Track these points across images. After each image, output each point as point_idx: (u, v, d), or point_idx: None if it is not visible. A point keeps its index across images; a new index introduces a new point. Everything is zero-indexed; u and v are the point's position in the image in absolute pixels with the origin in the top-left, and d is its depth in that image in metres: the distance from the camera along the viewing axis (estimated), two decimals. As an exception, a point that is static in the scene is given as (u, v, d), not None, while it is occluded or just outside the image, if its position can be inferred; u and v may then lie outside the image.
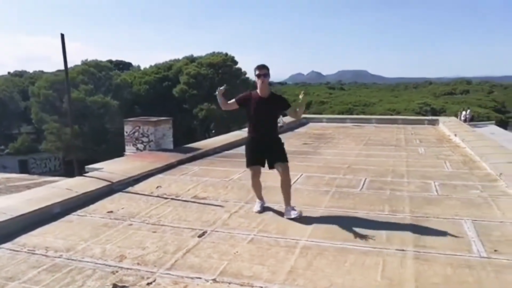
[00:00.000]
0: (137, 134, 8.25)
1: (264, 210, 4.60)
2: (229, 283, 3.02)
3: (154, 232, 4.02)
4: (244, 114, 4.56)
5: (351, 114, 36.33)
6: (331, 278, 3.06)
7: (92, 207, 4.81)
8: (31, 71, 47.37)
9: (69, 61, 5.81)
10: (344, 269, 3.19)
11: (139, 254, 3.51)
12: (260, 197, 4.71)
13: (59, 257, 3.45)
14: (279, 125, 4.72)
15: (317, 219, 4.36)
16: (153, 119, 8.51)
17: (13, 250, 3.61)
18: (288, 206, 4.44)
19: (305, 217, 4.41)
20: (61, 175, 16.38)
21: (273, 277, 3.09)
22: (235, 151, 8.89)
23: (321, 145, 9.78)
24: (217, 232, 4.01)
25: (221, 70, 34.16)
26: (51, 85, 26.67)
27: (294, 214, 4.34)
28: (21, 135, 33.16)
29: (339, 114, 34.78)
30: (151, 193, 5.39)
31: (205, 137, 21.56)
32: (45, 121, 26.34)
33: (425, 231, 3.91)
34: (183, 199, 5.15)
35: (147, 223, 4.26)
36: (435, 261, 3.27)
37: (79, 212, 4.62)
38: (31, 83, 33.34)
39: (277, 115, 4.65)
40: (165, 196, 5.27)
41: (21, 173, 19.57)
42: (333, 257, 3.41)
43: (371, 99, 55.22)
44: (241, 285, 2.99)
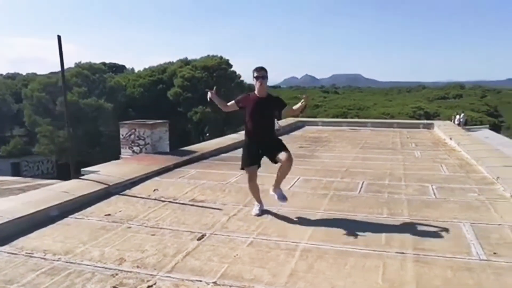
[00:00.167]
0: (133, 137, 8.21)
1: (262, 213, 4.59)
2: (230, 286, 3.00)
3: (153, 235, 4.00)
4: (238, 117, 4.60)
5: (346, 117, 36.47)
6: (332, 280, 3.05)
7: (89, 210, 4.76)
8: (24, 73, 47.07)
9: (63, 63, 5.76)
10: (344, 272, 3.19)
11: (138, 257, 3.48)
12: (258, 200, 4.69)
13: (57, 260, 3.41)
14: (275, 127, 4.74)
15: (316, 222, 4.36)
16: (150, 122, 8.48)
17: (11, 253, 3.57)
18: (277, 188, 4.60)
19: (305, 220, 4.42)
20: (54, 178, 16.27)
21: (274, 280, 3.08)
22: (231, 154, 8.88)
23: (318, 149, 9.80)
24: (216, 235, 3.99)
25: (215, 73, 34.18)
26: (44, 87, 26.51)
27: (279, 196, 4.55)
28: (14, 138, 32.88)
29: (333, 117, 34.89)
30: (149, 196, 5.36)
31: (199, 140, 21.51)
32: (38, 123, 26.16)
33: (424, 234, 3.92)
34: (181, 202, 5.12)
35: (146, 226, 4.23)
36: (435, 264, 3.28)
37: (76, 215, 4.57)
38: (24, 85, 33.11)
39: (275, 116, 4.67)
40: (162, 199, 5.24)
41: (13, 176, 19.40)
42: (334, 260, 3.41)
43: (365, 103, 55.52)
44: (242, 288, 2.98)
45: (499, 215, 4.45)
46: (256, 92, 4.43)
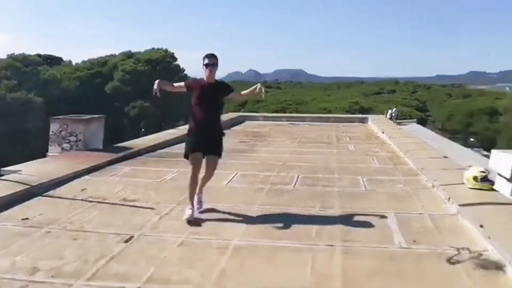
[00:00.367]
0: (64, 133, 7.69)
1: (194, 220, 4.19)
2: (156, 290, 2.87)
3: (74, 239, 3.72)
4: (176, 112, 4.50)
5: (285, 112, 36.98)
6: (263, 278, 3.02)
7: (5, 214, 4.35)
8: None
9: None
10: (275, 268, 3.18)
11: (55, 265, 3.19)
12: (192, 202, 4.34)
13: (-42, 273, 3.07)
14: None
15: (251, 217, 4.33)
16: (85, 117, 7.99)
17: None
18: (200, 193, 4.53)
19: (239, 216, 4.37)
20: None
21: (203, 280, 2.98)
22: (169, 150, 8.66)
23: (257, 143, 9.83)
24: (146, 236, 3.82)
25: (159, 66, 33.29)
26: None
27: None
28: None
29: (273, 112, 35.28)
30: (75, 197, 5.03)
31: (135, 136, 20.74)
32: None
33: (353, 225, 4.03)
34: (111, 202, 4.86)
35: (68, 230, 3.94)
36: (361, 254, 3.37)
37: (-11, 219, 4.18)
38: None
39: (222, 103, 4.63)
40: (90, 199, 4.94)
41: None
42: (265, 256, 3.39)
43: (304, 98, 56.68)
44: (169, 291, 2.86)
45: (421, 204, 4.68)
46: (204, 78, 4.40)
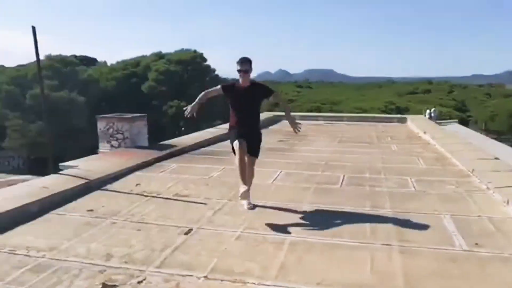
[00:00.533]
0: (111, 131, 8.04)
1: (248, 196, 4.38)
2: (222, 280, 2.99)
3: (139, 230, 3.94)
4: (214, 111, 4.66)
5: (320, 112, 36.78)
6: (322, 273, 3.08)
7: (71, 205, 4.64)
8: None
9: (31, 55, 5.62)
10: (333, 264, 3.23)
11: (126, 252, 3.42)
12: (244, 181, 4.37)
13: (42, 257, 3.32)
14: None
15: (301, 215, 4.39)
16: (128, 115, 8.32)
17: (-7, 250, 3.46)
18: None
19: (290, 213, 4.44)
20: (25, 174, 15.73)
21: (265, 273, 3.09)
22: (212, 148, 8.85)
23: (296, 142, 9.86)
24: (203, 229, 3.97)
25: (190, 67, 33.88)
26: (13, 80, 25.60)
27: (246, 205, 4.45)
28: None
29: (307, 112, 35.17)
30: (131, 191, 5.27)
31: (175, 135, 21.19)
32: (7, 117, 25.26)
33: (408, 225, 4.01)
34: (165, 196, 5.06)
35: (131, 221, 4.17)
36: (421, 255, 3.36)
37: (58, 210, 4.45)
38: (-8, 78, 31.79)
39: (259, 104, 4.68)
40: (145, 194, 5.16)
41: (-18, 171, 18.69)
42: (322, 252, 3.44)
43: (338, 98, 56.19)
44: (234, 282, 2.97)
45: (477, 207, 4.60)
46: (240, 82, 4.49)
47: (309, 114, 20.21)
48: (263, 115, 14.85)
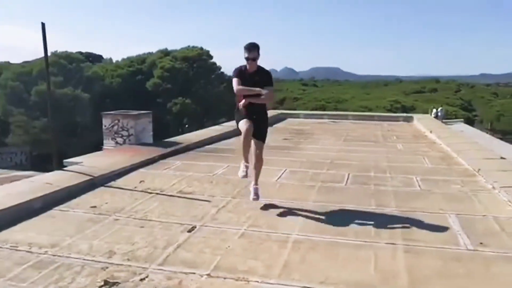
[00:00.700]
0: (116, 127, 8.05)
1: (247, 174, 4.48)
2: (224, 278, 2.97)
3: (141, 227, 3.93)
4: (218, 109, 4.65)
5: (325, 110, 36.67)
6: (326, 272, 3.06)
7: (74, 202, 4.64)
8: (-3, 61, 45.17)
9: (37, 51, 5.63)
10: (337, 263, 3.20)
11: (128, 249, 3.41)
12: (246, 159, 4.53)
13: (44, 254, 3.31)
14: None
15: (306, 213, 4.36)
16: (133, 112, 8.33)
17: (-5, 246, 3.46)
18: (255, 184, 4.57)
19: (294, 211, 4.42)
20: (28, 170, 15.76)
21: (268, 271, 3.07)
22: (216, 145, 8.84)
23: (301, 141, 9.83)
24: (207, 227, 3.95)
25: (195, 64, 33.83)
26: (18, 76, 25.70)
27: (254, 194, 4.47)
28: (-14, 128, 31.67)
29: (312, 110, 35.05)
30: (135, 188, 5.26)
31: (179, 132, 21.21)
32: (11, 113, 25.38)
33: (413, 225, 3.98)
34: (169, 194, 5.05)
35: (134, 218, 4.16)
36: (425, 254, 3.33)
37: (61, 207, 4.45)
38: (-3, 74, 31.93)
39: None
40: (149, 190, 5.15)
41: (-15, 167, 18.78)
42: (326, 251, 3.42)
43: (343, 96, 55.99)
44: (237, 280, 2.95)
45: (483, 206, 4.56)
46: (247, 67, 4.46)
47: (314, 112, 20.15)
48: (269, 113, 14.79)
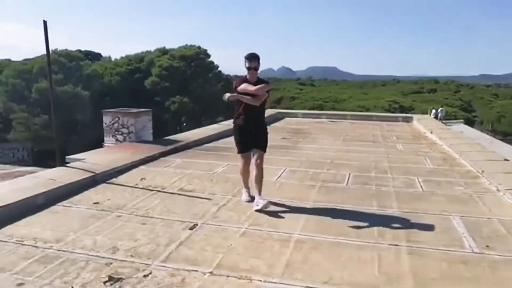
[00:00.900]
0: (116, 125, 8.03)
1: (252, 199, 4.59)
2: (227, 276, 2.97)
3: (143, 224, 3.92)
4: (215, 107, 4.68)
5: (322, 110, 36.63)
6: (329, 272, 3.05)
7: (77, 198, 4.65)
8: (-2, 59, 45.08)
9: (37, 49, 5.60)
10: (340, 263, 3.20)
11: (131, 246, 3.41)
12: (246, 186, 4.79)
13: (49, 248, 3.32)
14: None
15: (307, 213, 4.36)
16: (134, 110, 8.32)
17: (1, 240, 3.46)
18: (259, 196, 4.53)
19: (295, 210, 4.42)
20: (30, 165, 15.78)
21: (271, 270, 3.06)
22: (215, 144, 8.83)
23: (300, 140, 9.83)
24: (208, 225, 3.95)
25: (193, 63, 33.77)
26: (19, 74, 25.64)
27: (261, 203, 4.39)
28: (-13, 125, 31.67)
29: (310, 109, 34.95)
30: (136, 185, 5.26)
31: (177, 130, 21.19)
32: (13, 110, 25.32)
33: (416, 226, 3.96)
34: (170, 191, 5.05)
35: (136, 215, 4.15)
36: (430, 256, 3.32)
37: (64, 203, 4.45)
38: (-2, 71, 31.86)
39: (265, 100, 4.63)
40: (150, 188, 5.15)
41: (-14, 162, 18.76)
42: (328, 251, 3.41)
43: (341, 96, 55.96)
44: (239, 278, 2.95)
45: (487, 209, 4.54)
46: (248, 77, 4.50)
47: (312, 112, 20.14)
48: (266, 112, 14.78)
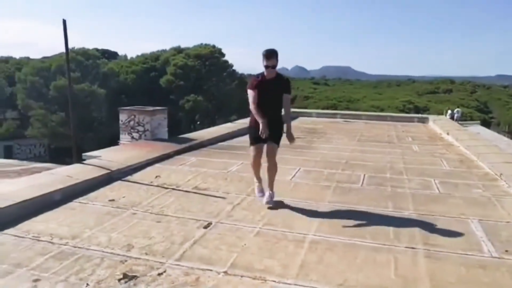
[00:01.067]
0: (132, 123, 8.11)
1: (263, 193, 4.63)
2: (241, 276, 2.96)
3: (158, 222, 3.94)
4: (229, 106, 4.67)
5: (336, 109, 36.45)
6: (344, 274, 3.02)
7: (93, 194, 4.69)
8: (17, 57, 46.02)
9: (54, 48, 5.67)
10: (356, 266, 3.16)
11: (146, 243, 3.43)
12: (258, 178, 4.75)
13: (65, 245, 3.35)
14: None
15: (321, 213, 4.33)
16: (149, 108, 8.39)
17: (18, 236, 3.50)
18: (271, 190, 4.58)
19: (310, 211, 4.38)
20: (46, 162, 16.07)
21: (285, 271, 3.04)
22: (229, 143, 8.85)
23: (314, 140, 9.78)
24: (222, 224, 3.94)
25: (208, 62, 33.95)
26: (38, 71, 26.13)
27: (265, 198, 4.51)
28: (6, 121, 32.44)
29: (324, 109, 34.77)
30: (151, 183, 5.29)
31: (190, 129, 21.33)
32: (31, 107, 25.84)
33: (433, 229, 3.90)
34: (184, 189, 5.07)
35: (151, 213, 4.18)
36: (447, 260, 3.26)
37: (80, 199, 4.50)
38: (18, 69, 32.45)
39: (282, 96, 4.60)
40: (165, 186, 5.18)
41: (5, 158, 19.15)
42: (343, 252, 3.38)
43: (355, 96, 55.61)
44: (254, 279, 2.93)
45: (506, 212, 4.44)
46: (265, 74, 4.44)
47: (326, 111, 20.02)
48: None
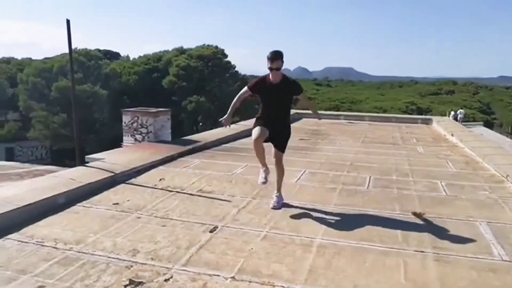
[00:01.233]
0: (135, 124, 8.06)
1: (267, 180, 4.48)
2: (249, 282, 2.91)
3: (163, 226, 3.89)
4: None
5: (338, 110, 36.37)
6: (354, 279, 2.97)
7: (96, 198, 4.64)
8: (19, 57, 46.03)
9: (57, 48, 5.64)
10: (365, 270, 3.11)
11: (151, 248, 3.38)
12: (263, 163, 4.48)
13: (69, 250, 3.30)
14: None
15: (328, 216, 4.28)
16: (152, 110, 8.34)
17: (21, 241, 3.45)
18: (278, 192, 4.54)
19: (317, 214, 4.33)
20: (48, 164, 16.05)
21: (294, 276, 3.00)
22: (233, 144, 8.80)
23: (318, 141, 9.72)
24: (228, 227, 3.89)
25: (210, 62, 33.89)
26: (39, 72, 26.11)
27: (272, 202, 4.48)
28: (8, 123, 32.41)
29: (326, 110, 34.69)
30: (155, 186, 5.25)
31: (193, 130, 21.28)
32: (33, 108, 25.81)
33: (442, 232, 3.85)
34: (189, 192, 5.01)
35: (155, 217, 4.13)
36: (457, 264, 3.21)
37: (84, 203, 4.45)
38: (19, 70, 32.42)
39: (290, 100, 4.53)
40: (169, 189, 5.13)
41: (7, 160, 19.13)
42: (352, 256, 3.33)
43: (358, 97, 55.57)
44: (262, 284, 2.89)
45: (515, 215, 4.40)
46: (270, 77, 4.31)
47: (330, 112, 19.95)
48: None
